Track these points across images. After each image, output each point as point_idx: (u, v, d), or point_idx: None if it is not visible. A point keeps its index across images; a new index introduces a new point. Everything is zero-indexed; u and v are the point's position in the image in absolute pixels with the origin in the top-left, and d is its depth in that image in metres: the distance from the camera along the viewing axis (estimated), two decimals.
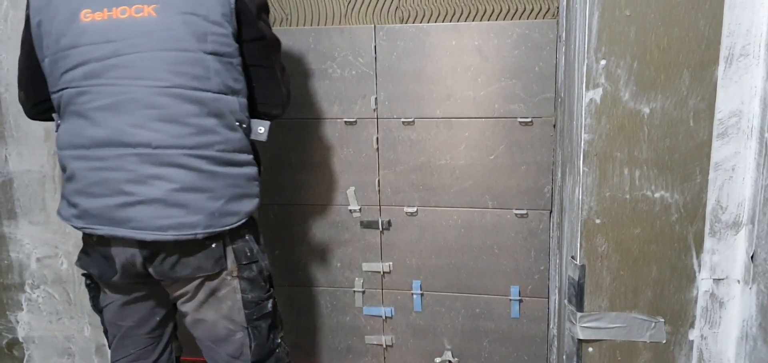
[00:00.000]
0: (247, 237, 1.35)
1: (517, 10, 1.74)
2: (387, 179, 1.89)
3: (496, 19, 1.76)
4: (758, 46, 1.18)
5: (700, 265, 1.27)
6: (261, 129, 1.36)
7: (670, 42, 1.19)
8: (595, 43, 1.20)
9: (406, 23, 1.81)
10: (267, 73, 1.36)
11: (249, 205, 1.32)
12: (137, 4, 1.22)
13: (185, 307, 1.36)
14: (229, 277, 1.33)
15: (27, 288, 1.96)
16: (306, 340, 2.06)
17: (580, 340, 1.33)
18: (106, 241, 1.27)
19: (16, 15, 1.76)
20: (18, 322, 2.00)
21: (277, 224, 1.98)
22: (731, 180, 1.24)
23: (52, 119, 1.42)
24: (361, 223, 1.93)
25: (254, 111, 1.38)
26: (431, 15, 1.79)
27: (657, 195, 1.25)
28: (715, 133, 1.22)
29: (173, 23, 1.21)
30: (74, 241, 1.90)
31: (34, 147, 1.85)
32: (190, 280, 1.31)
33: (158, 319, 1.45)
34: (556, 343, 1.78)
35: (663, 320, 1.30)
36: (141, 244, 1.25)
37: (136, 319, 1.42)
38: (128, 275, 1.31)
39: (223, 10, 1.24)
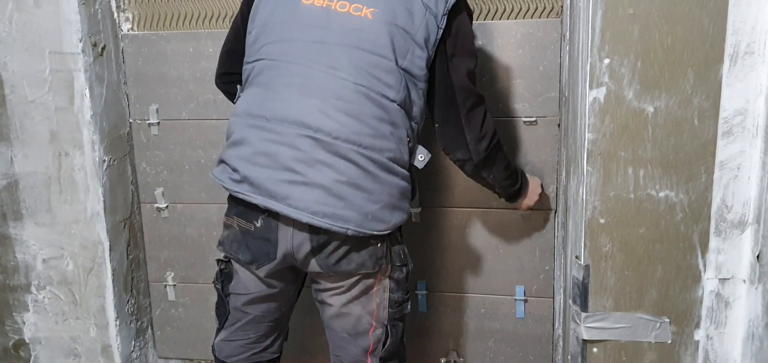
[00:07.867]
0: (401, 240, 1.39)
1: (520, 9, 1.74)
2: None
3: (500, 19, 1.75)
4: (763, 44, 1.17)
5: (705, 265, 1.27)
6: (421, 156, 1.39)
7: (674, 40, 1.18)
8: (598, 42, 1.20)
9: None
10: (449, 114, 1.38)
11: (398, 217, 1.34)
12: (357, 3, 1.28)
13: (333, 300, 1.37)
14: (383, 276, 1.36)
15: (33, 289, 1.97)
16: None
17: (584, 341, 1.33)
18: (272, 226, 1.28)
19: (21, 18, 1.76)
20: (24, 323, 2.01)
21: None
22: (736, 179, 1.23)
23: (233, 93, 1.50)
24: None
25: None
26: None
27: (662, 194, 1.24)
28: (720, 132, 1.21)
29: (381, 31, 1.27)
30: (80, 243, 1.91)
31: (39, 148, 1.86)
32: (350, 276, 1.33)
33: (283, 311, 1.48)
34: (561, 343, 1.78)
35: (668, 320, 1.30)
36: (313, 230, 1.26)
37: (264, 311, 1.43)
38: (284, 264, 1.32)
39: (426, 35, 1.30)
